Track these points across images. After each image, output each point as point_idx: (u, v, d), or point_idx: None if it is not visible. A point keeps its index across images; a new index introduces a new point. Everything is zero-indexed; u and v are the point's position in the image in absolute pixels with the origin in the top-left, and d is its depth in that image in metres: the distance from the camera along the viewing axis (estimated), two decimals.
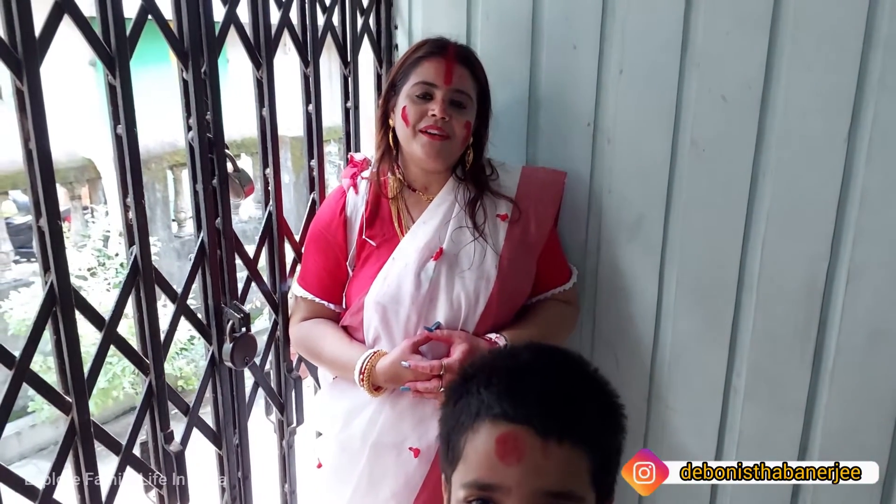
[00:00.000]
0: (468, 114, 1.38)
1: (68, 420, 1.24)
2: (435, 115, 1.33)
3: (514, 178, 1.48)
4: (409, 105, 1.36)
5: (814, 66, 1.30)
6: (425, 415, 1.40)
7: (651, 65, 1.45)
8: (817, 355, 1.44)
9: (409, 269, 1.38)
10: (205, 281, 1.45)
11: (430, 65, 1.36)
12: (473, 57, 1.42)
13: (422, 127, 1.35)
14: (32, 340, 1.15)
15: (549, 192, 1.49)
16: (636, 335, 1.60)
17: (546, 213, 1.48)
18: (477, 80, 1.40)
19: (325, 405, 1.55)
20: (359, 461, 1.44)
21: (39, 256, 1.15)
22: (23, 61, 1.04)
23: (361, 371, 1.37)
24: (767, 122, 1.37)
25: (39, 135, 1.08)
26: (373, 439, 1.42)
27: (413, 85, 1.36)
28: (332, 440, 1.49)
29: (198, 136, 1.35)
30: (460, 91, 1.36)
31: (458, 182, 1.44)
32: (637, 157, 1.51)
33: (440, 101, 1.34)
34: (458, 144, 1.38)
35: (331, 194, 1.53)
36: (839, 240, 1.37)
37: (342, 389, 1.49)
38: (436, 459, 1.40)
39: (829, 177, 1.34)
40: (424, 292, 1.38)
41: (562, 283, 1.54)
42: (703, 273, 1.50)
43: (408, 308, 1.38)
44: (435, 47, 1.38)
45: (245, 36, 1.44)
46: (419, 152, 1.37)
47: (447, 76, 1.35)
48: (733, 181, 1.42)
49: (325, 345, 1.47)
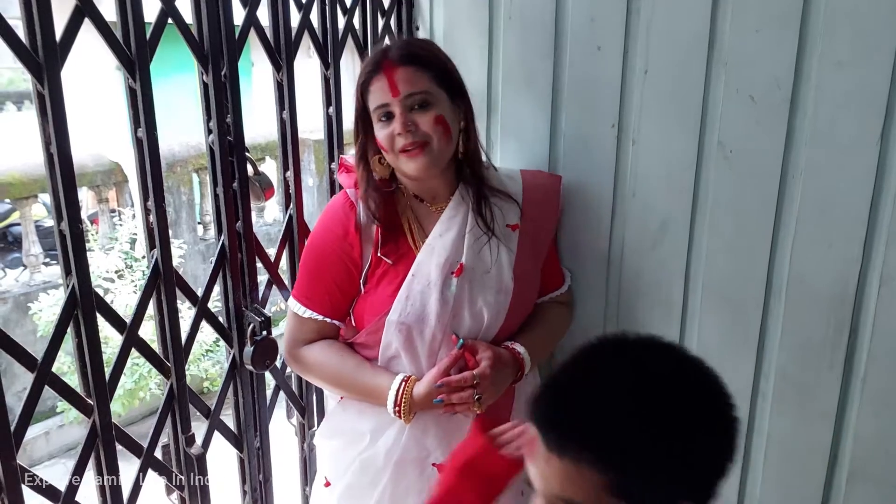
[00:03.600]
0: (435, 107, 1.29)
1: (90, 423, 1.24)
2: (399, 133, 1.27)
3: (518, 184, 1.45)
4: (379, 133, 1.30)
5: (845, 64, 1.27)
6: (449, 429, 1.38)
7: (677, 65, 1.42)
8: (848, 361, 1.41)
9: (433, 287, 1.34)
10: (225, 284, 1.45)
11: (375, 86, 1.29)
12: (415, 48, 1.34)
13: (398, 149, 1.29)
14: (54, 343, 1.16)
15: (552, 199, 1.49)
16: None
17: (550, 220, 1.48)
18: (429, 69, 1.30)
19: (343, 425, 1.48)
20: (381, 479, 1.40)
21: (61, 259, 1.16)
22: (44, 65, 1.05)
23: (397, 401, 1.34)
24: (797, 123, 1.33)
25: (60, 138, 1.09)
26: (397, 456, 1.39)
27: (373, 112, 1.31)
28: (351, 459, 1.43)
29: (218, 139, 1.35)
30: (413, 93, 1.28)
31: (466, 188, 1.40)
32: (662, 159, 1.48)
33: (398, 115, 1.28)
34: (441, 142, 1.30)
35: (336, 203, 1.42)
36: (871, 243, 1.33)
37: (359, 409, 1.44)
38: None
39: (861, 179, 1.30)
40: (450, 310, 1.35)
41: (559, 286, 1.55)
42: (730, 278, 1.46)
43: (433, 327, 1.34)
44: (372, 66, 1.30)
45: (265, 38, 1.44)
46: (408, 171, 1.32)
47: (392, 88, 1.27)
48: (761, 184, 1.39)
49: (346, 372, 1.41)
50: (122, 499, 1.32)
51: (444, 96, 1.31)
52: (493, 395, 1.32)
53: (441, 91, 1.31)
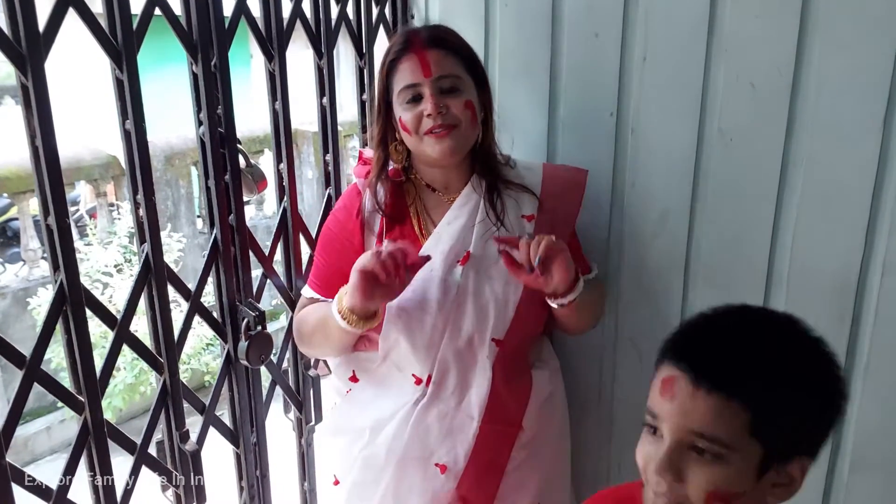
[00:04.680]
0: (465, 93, 1.28)
1: (81, 420, 1.23)
2: (430, 114, 1.26)
3: (537, 175, 1.42)
4: (404, 114, 1.29)
5: (847, 48, 1.25)
6: (453, 427, 1.36)
7: (676, 51, 1.40)
8: (850, 350, 1.39)
9: (435, 274, 1.32)
10: (219, 278, 1.43)
11: (405, 65, 1.27)
12: (444, 33, 1.33)
13: (424, 130, 1.27)
14: (43, 340, 1.15)
15: (573, 192, 1.43)
16: (661, 332, 1.53)
17: (570, 213, 1.43)
18: (458, 55, 1.30)
19: (345, 421, 1.48)
20: (383, 478, 1.38)
21: (49, 255, 1.14)
22: (27, 56, 1.03)
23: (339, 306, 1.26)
24: (798, 109, 1.31)
25: (46, 132, 1.07)
26: (398, 455, 1.36)
27: (399, 93, 1.29)
28: (354, 457, 1.42)
29: (209, 131, 1.32)
30: (444, 76, 1.27)
31: (479, 179, 1.38)
32: (662, 148, 1.46)
33: (428, 97, 1.26)
34: (468, 127, 1.29)
35: (346, 193, 1.45)
36: (873, 231, 1.31)
37: (362, 403, 1.43)
38: (464, 475, 1.36)
39: (863, 166, 1.28)
40: (452, 298, 1.32)
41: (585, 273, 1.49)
42: (731, 267, 1.45)
43: (434, 316, 1.32)
44: (402, 45, 1.29)
45: (256, 28, 1.42)
46: (433, 154, 1.29)
47: (424, 69, 1.26)
48: (762, 171, 1.37)
49: (311, 314, 1.40)
50: (115, 497, 1.30)
51: (472, 84, 1.31)
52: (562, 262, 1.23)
53: (469, 78, 1.31)
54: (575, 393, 1.68)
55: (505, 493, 1.40)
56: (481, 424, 1.35)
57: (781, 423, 0.83)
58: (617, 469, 1.71)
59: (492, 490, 1.39)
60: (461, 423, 1.36)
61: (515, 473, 1.41)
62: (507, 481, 1.40)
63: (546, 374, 1.46)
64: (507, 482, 1.40)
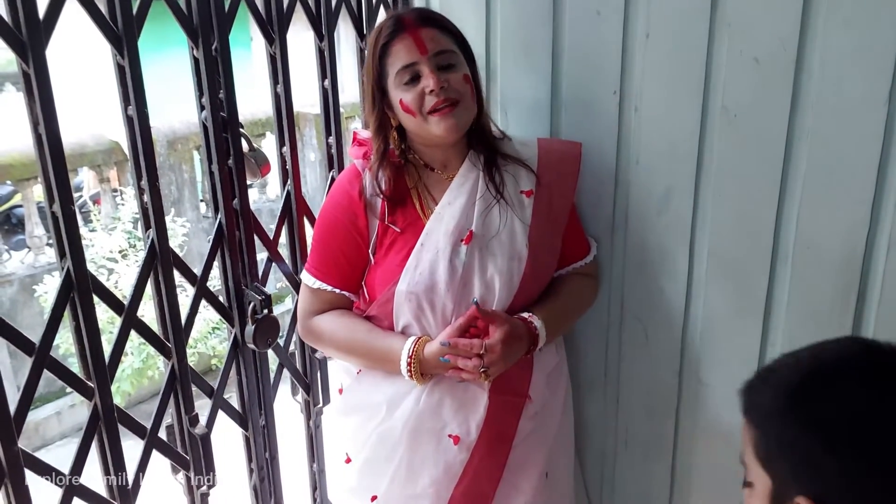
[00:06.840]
0: (461, 67, 1.30)
1: (91, 405, 1.24)
2: (433, 90, 1.26)
3: (533, 150, 1.43)
4: (404, 95, 1.28)
5: (852, 22, 1.23)
6: (465, 400, 1.37)
7: (679, 27, 1.39)
8: (856, 327, 1.39)
9: (442, 255, 1.33)
10: (224, 263, 1.43)
11: (399, 46, 1.27)
12: (431, 13, 1.36)
13: (428, 109, 1.27)
14: (51, 327, 1.15)
15: (569, 164, 1.44)
16: (666, 309, 1.55)
17: (567, 186, 1.44)
18: (449, 32, 1.32)
19: (359, 399, 1.48)
20: (398, 451, 1.40)
21: (55, 242, 1.14)
22: (27, 43, 1.02)
23: (409, 359, 1.32)
24: (803, 85, 1.30)
25: (48, 118, 1.06)
26: (411, 426, 1.38)
27: (396, 75, 1.28)
28: (370, 433, 1.43)
29: (211, 115, 1.32)
30: (440, 52, 1.27)
31: (477, 155, 1.39)
32: (665, 125, 1.45)
33: (428, 73, 1.26)
34: (469, 102, 1.30)
35: (344, 175, 1.44)
36: (879, 206, 1.31)
37: (375, 382, 1.44)
38: (476, 446, 1.37)
39: (868, 141, 1.27)
40: (459, 278, 1.33)
41: (582, 256, 1.51)
42: (735, 244, 1.44)
43: (443, 296, 1.33)
44: (392, 27, 1.29)
45: (256, 10, 1.41)
46: (438, 132, 1.29)
47: (420, 46, 1.26)
48: (767, 148, 1.36)
49: (358, 337, 1.40)
50: (126, 480, 1.32)
51: (464, 60, 1.32)
52: (500, 369, 1.30)
53: (461, 55, 1.32)
54: (581, 370, 1.69)
55: (513, 465, 1.42)
56: (490, 395, 1.36)
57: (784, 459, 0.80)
58: (624, 445, 1.72)
59: (501, 460, 1.41)
60: (473, 394, 1.37)
61: (522, 446, 1.42)
62: (514, 454, 1.42)
63: (551, 345, 1.47)
64: (514, 455, 1.42)
